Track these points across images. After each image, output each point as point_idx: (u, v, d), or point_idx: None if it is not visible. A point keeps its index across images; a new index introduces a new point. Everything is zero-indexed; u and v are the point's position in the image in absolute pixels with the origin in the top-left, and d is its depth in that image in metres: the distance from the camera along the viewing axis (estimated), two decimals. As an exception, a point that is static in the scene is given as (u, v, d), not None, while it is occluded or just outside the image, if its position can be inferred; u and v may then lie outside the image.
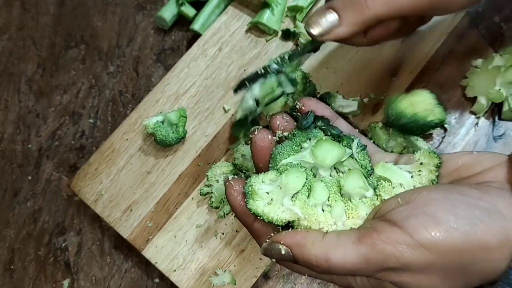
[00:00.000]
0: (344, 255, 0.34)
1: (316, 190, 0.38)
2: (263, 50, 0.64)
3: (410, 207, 0.34)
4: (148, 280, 0.62)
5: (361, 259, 0.33)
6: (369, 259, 0.33)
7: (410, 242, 0.32)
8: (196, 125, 0.62)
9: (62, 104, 0.70)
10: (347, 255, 0.34)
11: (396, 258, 0.33)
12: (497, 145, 0.59)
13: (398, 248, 0.33)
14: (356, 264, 0.34)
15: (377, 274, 0.34)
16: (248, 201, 0.38)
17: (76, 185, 0.61)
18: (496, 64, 0.58)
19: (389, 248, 0.33)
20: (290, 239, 0.37)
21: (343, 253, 0.34)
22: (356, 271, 0.34)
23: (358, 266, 0.34)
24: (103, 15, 0.73)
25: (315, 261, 0.35)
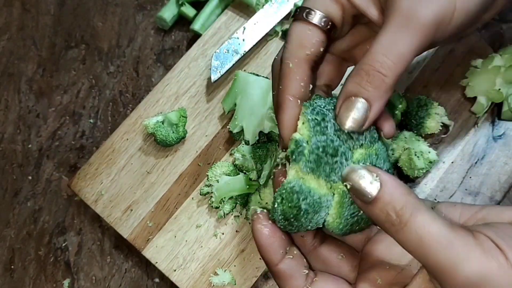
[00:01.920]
0: (431, 221, 0.32)
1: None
2: (263, 50, 0.64)
3: (498, 230, 0.32)
4: (148, 280, 0.62)
5: (445, 238, 0.31)
6: (453, 245, 0.31)
7: (503, 261, 0.31)
8: (196, 125, 0.62)
9: (62, 104, 0.70)
10: (434, 224, 0.32)
11: (479, 265, 0.31)
12: (497, 145, 0.59)
13: (489, 259, 0.31)
14: (435, 238, 0.31)
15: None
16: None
17: (76, 185, 0.61)
18: (496, 64, 0.58)
19: (479, 252, 0.31)
20: (387, 176, 0.34)
21: (431, 219, 0.32)
22: (424, 245, 0.32)
23: (434, 242, 0.31)
24: (103, 15, 0.73)
25: (399, 207, 0.32)
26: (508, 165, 0.59)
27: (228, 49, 0.62)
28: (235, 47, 0.62)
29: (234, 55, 0.62)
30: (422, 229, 0.32)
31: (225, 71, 0.62)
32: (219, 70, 0.61)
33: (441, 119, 0.58)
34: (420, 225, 0.32)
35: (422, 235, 0.32)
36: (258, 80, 0.57)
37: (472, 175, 0.59)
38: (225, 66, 0.61)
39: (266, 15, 0.62)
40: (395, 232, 0.33)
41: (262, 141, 0.58)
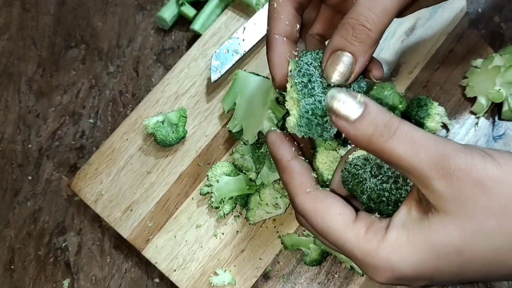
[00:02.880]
0: (419, 131, 0.34)
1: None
2: (263, 50, 0.64)
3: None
4: (148, 280, 0.62)
5: (437, 140, 0.34)
6: (445, 149, 0.33)
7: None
8: (196, 125, 0.62)
9: (62, 104, 0.70)
10: (421, 132, 0.34)
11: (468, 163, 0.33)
12: (497, 145, 0.59)
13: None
14: (427, 137, 0.34)
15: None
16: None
17: (76, 185, 0.61)
18: (496, 64, 0.58)
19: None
20: (369, 100, 0.36)
21: (419, 130, 0.34)
22: (415, 151, 0.34)
23: (426, 143, 0.34)
24: (103, 15, 0.73)
25: (387, 119, 0.34)
26: (508, 165, 0.58)
27: (228, 49, 0.62)
28: (235, 47, 0.62)
29: (234, 55, 0.62)
30: (411, 133, 0.34)
31: (225, 71, 0.62)
32: (219, 70, 0.61)
33: (441, 119, 0.58)
34: (409, 130, 0.34)
35: (412, 138, 0.34)
36: (258, 79, 0.57)
37: (472, 175, 0.59)
38: (225, 66, 0.62)
39: (266, 15, 0.62)
40: (383, 142, 0.34)
41: (261, 141, 0.58)
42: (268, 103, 0.56)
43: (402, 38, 0.63)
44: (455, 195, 0.33)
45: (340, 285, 0.57)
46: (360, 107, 0.35)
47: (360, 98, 0.35)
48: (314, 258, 0.56)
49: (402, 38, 0.63)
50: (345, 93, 0.36)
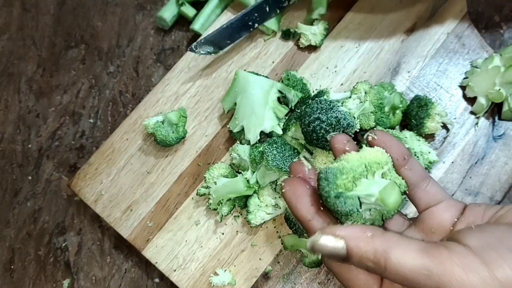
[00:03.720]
0: (405, 256, 0.32)
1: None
2: (263, 50, 0.64)
3: (487, 236, 0.33)
4: (148, 280, 0.62)
5: (423, 269, 0.32)
6: (432, 272, 0.32)
7: (486, 275, 0.31)
8: (196, 125, 0.62)
9: (62, 104, 0.70)
10: (409, 258, 0.32)
11: (461, 284, 0.31)
12: (497, 145, 0.59)
13: (469, 276, 0.31)
14: (416, 271, 0.32)
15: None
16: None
17: (76, 185, 0.61)
18: (496, 64, 0.58)
19: (458, 271, 0.31)
20: (346, 231, 0.35)
21: (404, 254, 0.33)
22: (412, 280, 0.32)
23: (416, 275, 0.32)
24: (103, 15, 0.73)
25: (372, 256, 0.33)
26: (508, 165, 0.58)
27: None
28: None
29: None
30: (401, 268, 0.33)
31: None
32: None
33: (441, 119, 0.58)
34: (397, 265, 0.33)
35: (403, 274, 0.33)
36: (259, 79, 0.57)
37: (472, 175, 0.59)
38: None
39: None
40: (382, 274, 0.34)
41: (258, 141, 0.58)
42: (270, 102, 0.56)
43: (402, 38, 0.63)
44: None
45: (340, 285, 0.57)
46: (342, 247, 0.34)
47: (338, 237, 0.35)
48: (313, 260, 0.56)
49: (402, 38, 0.63)
50: (325, 235, 0.35)
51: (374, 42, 0.63)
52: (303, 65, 0.63)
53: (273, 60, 0.64)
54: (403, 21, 0.63)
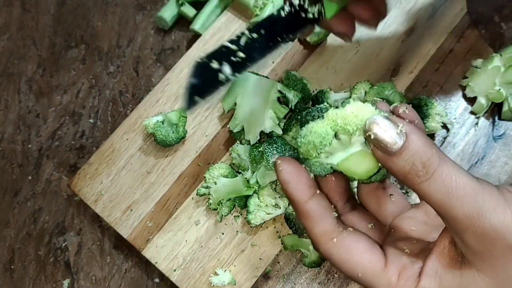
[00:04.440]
0: (457, 173, 0.31)
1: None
2: (263, 50, 0.64)
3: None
4: (148, 280, 0.62)
5: (472, 192, 0.31)
6: (479, 202, 0.31)
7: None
8: (196, 125, 0.62)
9: (62, 104, 0.70)
10: (461, 176, 0.31)
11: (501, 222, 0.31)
12: (497, 145, 0.59)
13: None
14: (462, 191, 0.31)
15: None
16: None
17: (76, 185, 0.61)
18: (496, 64, 0.58)
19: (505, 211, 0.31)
20: (410, 127, 0.33)
21: (457, 171, 0.32)
22: (451, 200, 0.31)
23: (461, 195, 0.31)
24: (103, 15, 0.73)
25: (426, 158, 0.32)
26: (508, 165, 0.59)
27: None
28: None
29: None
30: (449, 178, 0.32)
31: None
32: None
33: (441, 119, 0.58)
34: (447, 175, 0.32)
35: (449, 185, 0.31)
36: (259, 79, 0.57)
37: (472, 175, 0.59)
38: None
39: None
40: (419, 183, 0.32)
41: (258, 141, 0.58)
42: (270, 102, 0.56)
43: (402, 38, 0.63)
44: (487, 255, 0.32)
45: (340, 285, 0.57)
46: (400, 138, 0.32)
47: (402, 127, 0.33)
48: (313, 260, 0.56)
49: (402, 38, 0.63)
50: (387, 120, 0.33)
51: (374, 42, 0.63)
52: (303, 65, 0.63)
53: (273, 60, 0.64)
54: (403, 21, 0.63)
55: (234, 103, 0.58)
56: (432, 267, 0.35)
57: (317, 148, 0.37)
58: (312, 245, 0.39)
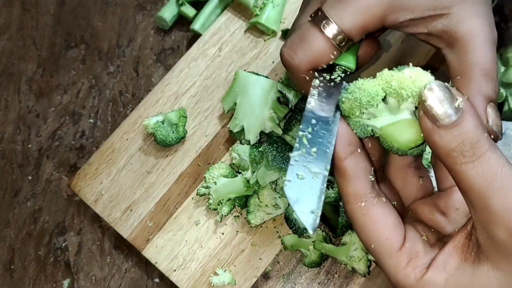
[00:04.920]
0: (504, 163, 0.31)
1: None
2: (263, 50, 0.64)
3: None
4: (148, 280, 0.62)
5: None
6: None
7: None
8: (196, 125, 0.62)
9: (62, 104, 0.70)
10: (506, 166, 0.31)
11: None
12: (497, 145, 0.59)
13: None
14: (505, 183, 0.30)
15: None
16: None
17: (76, 185, 0.61)
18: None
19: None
20: (469, 104, 0.32)
21: (504, 161, 0.31)
22: (489, 190, 0.30)
23: (505, 188, 0.30)
24: (103, 15, 0.73)
25: (477, 140, 0.30)
26: (508, 165, 0.58)
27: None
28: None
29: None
30: (496, 166, 0.30)
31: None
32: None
33: (441, 119, 0.58)
34: (495, 162, 0.30)
35: (494, 172, 0.30)
36: (259, 79, 0.57)
37: (472, 175, 0.59)
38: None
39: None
40: (462, 164, 0.31)
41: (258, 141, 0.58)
42: (270, 102, 0.56)
43: (402, 38, 0.63)
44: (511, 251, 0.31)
45: (340, 285, 0.57)
46: (456, 113, 0.31)
47: (460, 103, 0.31)
48: (313, 260, 0.56)
49: (402, 38, 0.63)
50: (446, 90, 0.32)
51: (374, 42, 0.63)
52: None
53: (273, 60, 0.64)
54: (403, 21, 0.63)
55: (234, 103, 0.58)
56: (443, 261, 0.34)
57: (362, 106, 0.36)
58: (342, 203, 0.37)
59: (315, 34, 0.39)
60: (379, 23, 0.39)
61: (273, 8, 0.63)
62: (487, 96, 0.37)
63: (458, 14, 0.38)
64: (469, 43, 0.38)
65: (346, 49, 0.40)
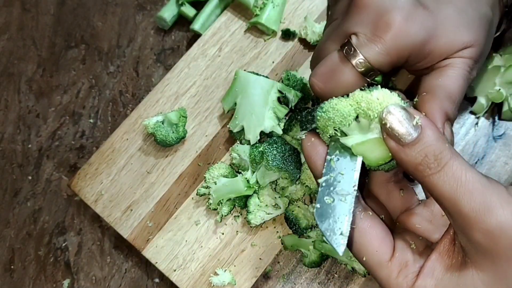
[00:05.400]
0: (467, 171, 0.33)
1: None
2: (263, 50, 0.64)
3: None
4: (148, 280, 0.62)
5: (478, 191, 0.32)
6: (485, 203, 0.32)
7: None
8: (196, 125, 0.62)
9: (62, 104, 0.70)
10: (471, 173, 0.32)
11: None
12: (497, 145, 0.59)
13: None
14: (470, 187, 0.32)
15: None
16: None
17: (76, 185, 0.61)
18: (496, 64, 0.58)
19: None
20: (427, 120, 0.35)
21: (467, 168, 0.33)
22: (456, 196, 0.32)
23: (469, 191, 0.32)
24: (103, 15, 0.73)
25: (439, 151, 0.33)
26: (508, 165, 0.59)
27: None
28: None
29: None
30: (459, 173, 0.32)
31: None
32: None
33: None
34: (458, 169, 0.32)
35: (459, 178, 0.32)
36: (259, 79, 0.57)
37: (472, 175, 0.59)
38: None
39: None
40: (429, 175, 0.33)
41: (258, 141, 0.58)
42: (270, 102, 0.56)
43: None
44: (491, 252, 0.32)
45: (340, 285, 0.57)
46: (415, 131, 0.33)
47: (418, 120, 0.34)
48: (313, 260, 0.56)
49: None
50: (404, 111, 0.34)
51: (374, 42, 0.63)
52: (303, 65, 0.63)
53: (273, 60, 0.64)
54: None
55: (234, 103, 0.58)
56: (431, 267, 0.35)
57: (335, 126, 0.38)
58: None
59: (346, 68, 0.40)
60: (405, 62, 0.41)
61: (273, 8, 0.63)
62: (446, 113, 0.39)
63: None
64: (444, 71, 0.41)
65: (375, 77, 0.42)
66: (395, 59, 0.39)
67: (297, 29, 0.64)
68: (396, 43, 0.38)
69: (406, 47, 0.39)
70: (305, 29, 0.63)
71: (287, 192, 0.57)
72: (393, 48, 0.39)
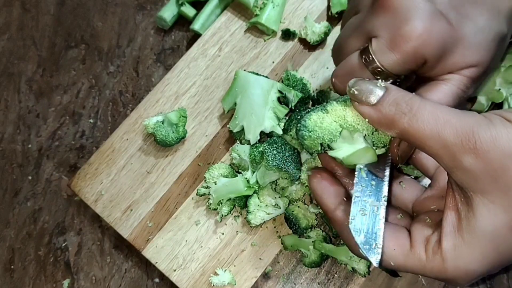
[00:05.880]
0: (440, 110, 0.34)
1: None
2: (263, 50, 0.64)
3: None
4: (148, 280, 0.62)
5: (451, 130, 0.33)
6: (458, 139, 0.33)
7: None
8: (196, 125, 0.62)
9: (62, 104, 0.70)
10: (443, 112, 0.34)
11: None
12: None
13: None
14: (442, 127, 0.34)
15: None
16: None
17: (76, 185, 0.61)
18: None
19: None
20: (387, 83, 0.38)
21: (442, 109, 0.34)
22: (431, 136, 0.34)
23: (442, 129, 0.34)
24: (103, 15, 0.73)
25: (408, 97, 0.35)
26: (508, 165, 0.58)
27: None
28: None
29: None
30: (434, 109, 0.34)
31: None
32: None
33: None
34: (431, 107, 0.34)
35: (435, 115, 0.33)
36: (259, 79, 0.57)
37: (472, 175, 0.59)
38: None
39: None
40: (407, 121, 0.34)
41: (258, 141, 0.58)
42: (270, 102, 0.56)
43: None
44: (486, 170, 0.32)
45: (340, 285, 0.57)
46: (381, 90, 0.36)
47: (381, 83, 0.36)
48: (313, 260, 0.56)
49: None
50: (366, 80, 0.37)
51: (374, 42, 0.63)
52: (303, 65, 0.63)
53: (273, 60, 0.64)
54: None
55: (234, 103, 0.58)
56: (449, 224, 0.36)
57: (324, 142, 0.40)
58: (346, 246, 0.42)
59: (364, 74, 0.42)
60: (420, 67, 0.43)
61: (273, 8, 0.63)
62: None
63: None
64: (438, 85, 0.43)
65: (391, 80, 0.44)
66: (412, 67, 0.42)
67: (297, 29, 0.64)
68: (415, 54, 0.40)
69: (423, 58, 0.41)
70: (305, 29, 0.63)
71: (287, 192, 0.57)
72: (411, 58, 0.41)
